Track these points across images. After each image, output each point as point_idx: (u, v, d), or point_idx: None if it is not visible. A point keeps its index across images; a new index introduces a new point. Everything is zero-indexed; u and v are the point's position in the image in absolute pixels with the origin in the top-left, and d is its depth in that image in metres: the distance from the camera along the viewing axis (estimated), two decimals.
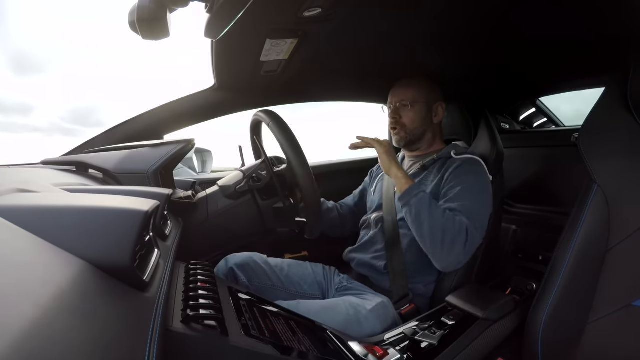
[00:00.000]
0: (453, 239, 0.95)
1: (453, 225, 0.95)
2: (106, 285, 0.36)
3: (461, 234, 0.95)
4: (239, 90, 1.30)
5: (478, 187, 1.04)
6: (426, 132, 1.19)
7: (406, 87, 1.19)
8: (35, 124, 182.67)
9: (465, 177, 1.05)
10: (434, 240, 0.97)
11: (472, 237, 0.97)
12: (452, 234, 0.95)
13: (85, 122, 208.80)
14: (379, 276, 1.11)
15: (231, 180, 1.03)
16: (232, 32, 0.78)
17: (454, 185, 1.05)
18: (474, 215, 0.99)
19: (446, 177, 1.07)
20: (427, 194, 1.02)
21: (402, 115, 1.17)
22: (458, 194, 1.02)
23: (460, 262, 0.98)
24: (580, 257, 0.89)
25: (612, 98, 0.93)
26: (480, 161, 1.10)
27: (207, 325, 0.48)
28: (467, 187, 1.03)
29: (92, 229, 0.38)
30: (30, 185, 0.53)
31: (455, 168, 1.08)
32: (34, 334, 0.22)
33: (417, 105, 1.16)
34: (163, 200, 0.66)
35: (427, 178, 1.13)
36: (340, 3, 0.76)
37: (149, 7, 0.59)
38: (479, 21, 1.01)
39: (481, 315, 0.90)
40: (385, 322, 0.96)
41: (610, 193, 0.89)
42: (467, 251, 0.97)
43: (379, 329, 0.93)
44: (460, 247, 0.95)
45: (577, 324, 0.89)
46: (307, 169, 0.90)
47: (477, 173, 1.07)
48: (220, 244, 1.08)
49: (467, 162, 1.09)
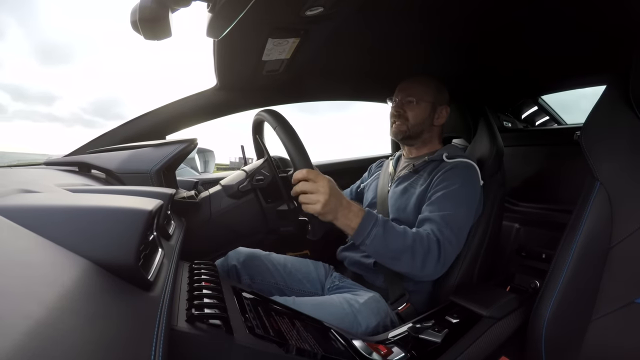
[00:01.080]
0: (424, 259, 0.92)
1: (421, 245, 0.92)
2: (110, 284, 0.36)
3: (432, 251, 0.92)
4: (241, 90, 1.30)
5: (463, 193, 1.02)
6: (424, 131, 1.19)
7: (415, 83, 1.18)
8: (56, 114, 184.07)
9: (451, 180, 1.03)
10: (402, 265, 0.93)
11: (446, 252, 0.94)
12: (422, 255, 0.91)
13: (106, 114, 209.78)
14: (371, 274, 1.11)
15: (234, 179, 1.03)
16: (234, 32, 0.78)
17: (438, 189, 1.03)
18: (450, 226, 0.96)
19: (434, 181, 1.06)
20: (380, 224, 0.90)
21: (407, 110, 1.17)
22: (440, 199, 1.01)
23: (436, 275, 0.96)
24: (582, 254, 0.89)
25: (614, 96, 0.92)
26: (472, 164, 1.08)
27: (212, 325, 0.48)
28: (451, 192, 1.01)
29: (96, 228, 0.38)
30: (33, 186, 0.53)
31: (444, 172, 1.06)
32: (39, 333, 0.22)
33: (423, 103, 1.16)
34: (166, 200, 0.66)
35: (417, 181, 1.13)
36: (342, 2, 0.76)
37: (150, 7, 0.59)
38: (480, 20, 1.01)
39: (485, 314, 0.90)
40: (379, 315, 0.96)
41: (612, 191, 0.88)
42: (443, 264, 0.95)
43: (374, 322, 0.94)
44: (432, 264, 0.92)
45: (580, 321, 0.89)
46: (303, 152, 0.87)
47: (466, 177, 1.05)
48: (223, 243, 1.08)
49: (457, 165, 1.07)
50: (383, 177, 1.27)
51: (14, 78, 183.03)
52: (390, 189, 1.19)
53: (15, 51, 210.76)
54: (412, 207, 1.08)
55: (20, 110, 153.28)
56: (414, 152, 1.24)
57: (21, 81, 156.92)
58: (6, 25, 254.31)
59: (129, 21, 0.61)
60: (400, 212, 1.10)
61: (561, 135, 1.59)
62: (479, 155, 1.18)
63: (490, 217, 1.11)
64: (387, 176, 1.26)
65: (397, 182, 1.18)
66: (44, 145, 30.19)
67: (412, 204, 1.08)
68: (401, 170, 1.24)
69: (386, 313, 0.99)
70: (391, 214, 1.12)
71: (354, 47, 1.17)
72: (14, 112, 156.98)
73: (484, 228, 1.10)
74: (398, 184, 1.17)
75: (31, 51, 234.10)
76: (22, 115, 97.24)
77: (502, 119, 1.73)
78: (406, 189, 1.13)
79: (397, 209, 1.11)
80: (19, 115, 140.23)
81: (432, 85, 1.18)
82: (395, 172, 1.25)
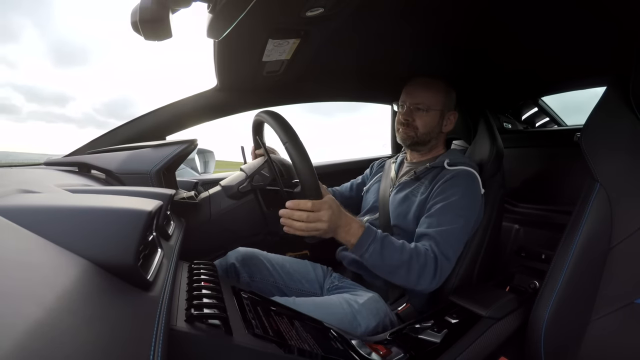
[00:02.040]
0: (419, 275, 0.93)
1: (417, 261, 0.93)
2: (110, 285, 0.36)
3: (428, 268, 0.93)
4: (241, 91, 1.30)
5: (462, 204, 1.02)
6: (432, 139, 1.18)
7: (424, 88, 1.14)
8: (70, 115, 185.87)
9: (451, 191, 1.03)
10: (398, 278, 0.95)
11: (442, 269, 0.95)
12: (417, 271, 0.93)
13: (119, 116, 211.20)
14: (370, 274, 1.11)
15: (234, 180, 1.03)
16: (235, 33, 0.78)
17: (438, 201, 1.03)
18: (448, 242, 0.97)
19: (434, 191, 1.06)
20: (378, 240, 0.92)
21: (416, 119, 1.14)
22: (439, 211, 1.01)
23: (431, 289, 0.97)
24: (582, 255, 0.89)
25: (614, 97, 0.92)
26: (473, 173, 1.07)
27: (211, 325, 0.48)
28: (450, 204, 1.01)
29: (95, 229, 0.38)
30: (33, 186, 0.53)
31: (445, 182, 1.06)
32: (38, 333, 0.22)
33: (432, 111, 1.14)
34: (166, 201, 0.66)
35: (417, 189, 1.12)
36: (342, 3, 0.76)
37: (151, 8, 0.59)
38: (480, 21, 1.01)
39: (484, 314, 0.90)
40: (378, 315, 0.97)
41: (612, 192, 0.89)
42: (439, 280, 0.96)
43: (373, 322, 0.94)
44: (427, 280, 0.94)
45: (579, 322, 0.89)
46: (314, 179, 0.85)
47: (466, 187, 1.05)
48: (223, 244, 1.08)
49: (458, 174, 1.06)
50: (385, 181, 1.25)
51: (28, 79, 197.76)
52: (391, 194, 1.18)
53: (30, 52, 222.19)
54: (412, 215, 1.08)
55: (34, 111, 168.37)
56: (417, 157, 1.23)
57: (35, 82, 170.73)
58: (21, 27, 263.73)
59: (130, 22, 0.62)
60: (400, 220, 1.10)
61: (561, 136, 1.59)
62: (479, 157, 1.18)
63: (490, 218, 1.11)
64: (389, 180, 1.25)
65: (398, 188, 1.18)
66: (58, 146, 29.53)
67: (412, 212, 1.08)
68: (402, 175, 1.23)
69: (385, 313, 0.99)
70: (392, 220, 1.12)
71: (354, 48, 1.17)
72: (28, 113, 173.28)
73: (484, 229, 1.10)
74: (399, 191, 1.16)
75: (45, 52, 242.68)
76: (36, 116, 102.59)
77: (502, 120, 1.73)
78: (407, 197, 1.12)
79: (398, 215, 1.11)
80: (33, 116, 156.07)
81: (442, 91, 1.15)
82: (397, 176, 1.25)
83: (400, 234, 1.08)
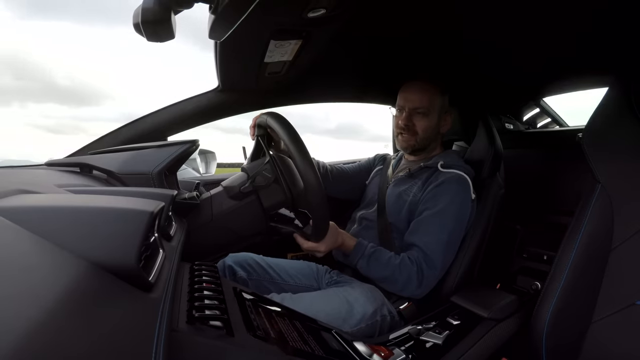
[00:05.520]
0: (404, 285, 1.00)
1: (401, 274, 1.00)
2: (111, 286, 0.36)
3: (411, 279, 1.00)
4: (242, 92, 1.30)
5: (451, 211, 1.04)
6: (432, 142, 1.20)
7: (422, 91, 1.16)
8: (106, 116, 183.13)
9: (442, 197, 1.06)
10: (385, 286, 1.04)
11: (427, 279, 1.01)
12: (402, 282, 1.00)
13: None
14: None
15: (235, 181, 1.03)
16: (236, 33, 0.78)
17: (428, 207, 1.06)
18: (434, 251, 1.02)
19: (425, 195, 1.09)
20: (365, 257, 1.03)
21: (415, 123, 1.16)
22: (428, 219, 1.05)
23: (418, 296, 1.03)
24: (584, 256, 0.88)
25: (615, 98, 0.92)
26: (464, 178, 1.09)
27: (213, 326, 0.48)
28: (439, 211, 1.04)
29: (97, 229, 0.38)
30: (33, 186, 0.53)
31: (435, 187, 1.08)
32: (39, 335, 0.22)
33: (432, 115, 1.15)
34: (168, 201, 0.66)
35: (411, 189, 1.14)
36: (344, 4, 0.76)
37: (153, 9, 0.59)
38: (481, 22, 1.01)
39: (486, 315, 0.90)
40: (375, 302, 0.99)
41: (613, 193, 0.88)
42: (424, 289, 1.02)
43: (370, 309, 0.96)
44: (411, 289, 1.00)
45: (581, 323, 0.89)
46: (318, 185, 0.85)
47: (456, 193, 1.06)
48: (225, 245, 1.08)
49: (449, 180, 1.08)
50: (383, 175, 1.29)
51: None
52: (388, 188, 1.22)
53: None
54: (404, 214, 1.12)
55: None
56: (414, 157, 1.26)
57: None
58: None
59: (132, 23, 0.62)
60: (394, 217, 1.14)
61: (563, 137, 1.59)
62: (477, 158, 1.19)
63: (490, 218, 1.11)
64: (387, 175, 1.28)
65: (394, 183, 1.21)
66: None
67: (404, 211, 1.12)
68: (399, 172, 1.25)
69: (382, 302, 1.01)
70: (388, 216, 1.15)
71: (356, 49, 1.17)
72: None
73: (483, 229, 1.10)
74: (394, 186, 1.20)
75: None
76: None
77: (504, 121, 1.73)
78: (400, 195, 1.15)
79: (392, 212, 1.15)
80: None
81: (438, 93, 1.16)
82: (393, 172, 1.28)
83: (394, 231, 1.12)
